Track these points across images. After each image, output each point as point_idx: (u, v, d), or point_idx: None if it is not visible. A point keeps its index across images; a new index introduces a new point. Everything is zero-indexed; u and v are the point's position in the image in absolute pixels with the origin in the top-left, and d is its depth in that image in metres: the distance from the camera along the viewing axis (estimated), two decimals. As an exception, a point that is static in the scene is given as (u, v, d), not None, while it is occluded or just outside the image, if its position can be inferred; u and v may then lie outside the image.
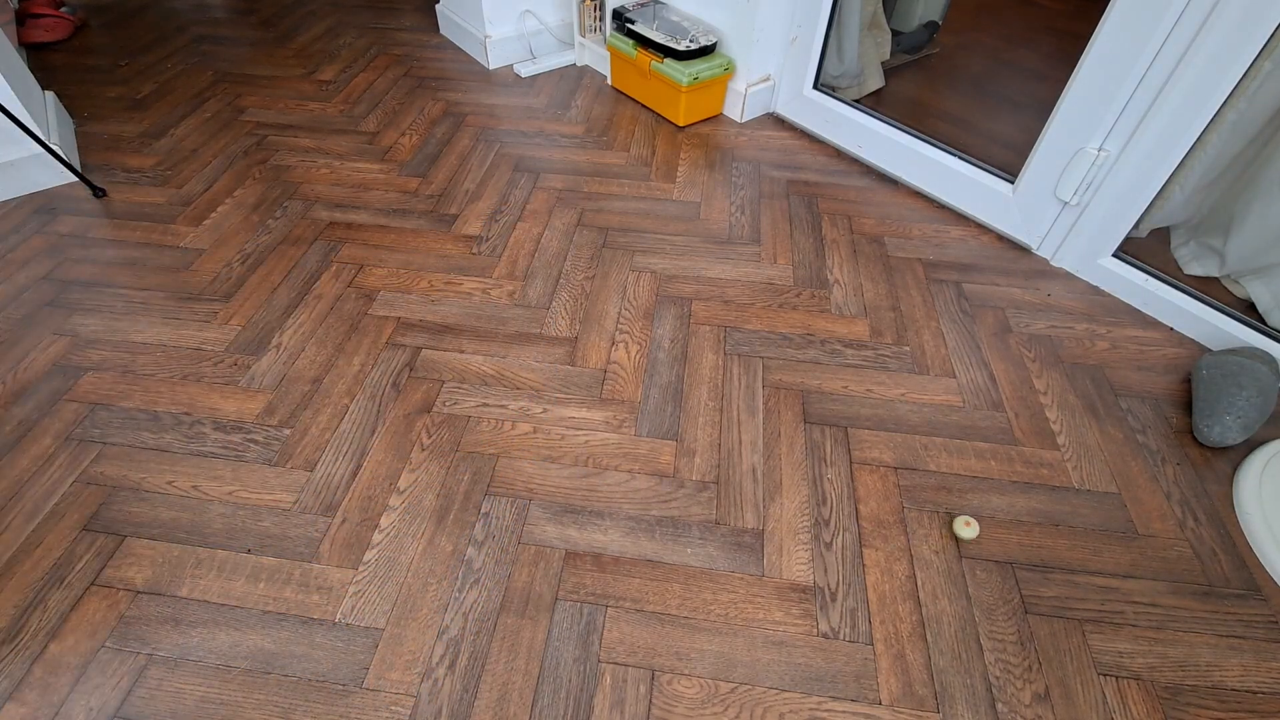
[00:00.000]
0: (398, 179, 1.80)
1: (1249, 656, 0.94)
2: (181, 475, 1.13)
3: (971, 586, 1.01)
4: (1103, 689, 0.91)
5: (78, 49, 2.38)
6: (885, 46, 2.10)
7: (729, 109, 2.06)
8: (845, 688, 0.91)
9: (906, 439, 1.20)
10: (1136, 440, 1.21)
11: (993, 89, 2.24)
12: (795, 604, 0.99)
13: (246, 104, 2.10)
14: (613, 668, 0.92)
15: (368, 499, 1.10)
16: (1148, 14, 1.22)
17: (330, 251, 1.57)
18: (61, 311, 1.42)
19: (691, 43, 1.88)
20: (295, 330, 1.38)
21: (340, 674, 0.91)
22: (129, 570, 1.01)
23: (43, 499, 1.10)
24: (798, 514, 1.09)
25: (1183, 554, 1.05)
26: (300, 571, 1.01)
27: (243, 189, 1.76)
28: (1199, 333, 1.38)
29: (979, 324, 1.41)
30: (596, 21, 2.21)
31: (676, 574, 1.02)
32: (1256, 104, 1.29)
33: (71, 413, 1.22)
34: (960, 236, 1.64)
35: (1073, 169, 1.42)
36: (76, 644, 0.93)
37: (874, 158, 1.84)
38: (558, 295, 1.47)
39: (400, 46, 2.44)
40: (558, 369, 1.32)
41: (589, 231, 1.64)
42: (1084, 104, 1.37)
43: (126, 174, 1.80)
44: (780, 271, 1.54)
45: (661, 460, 1.17)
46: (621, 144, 1.95)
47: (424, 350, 1.35)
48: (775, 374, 1.31)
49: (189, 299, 1.45)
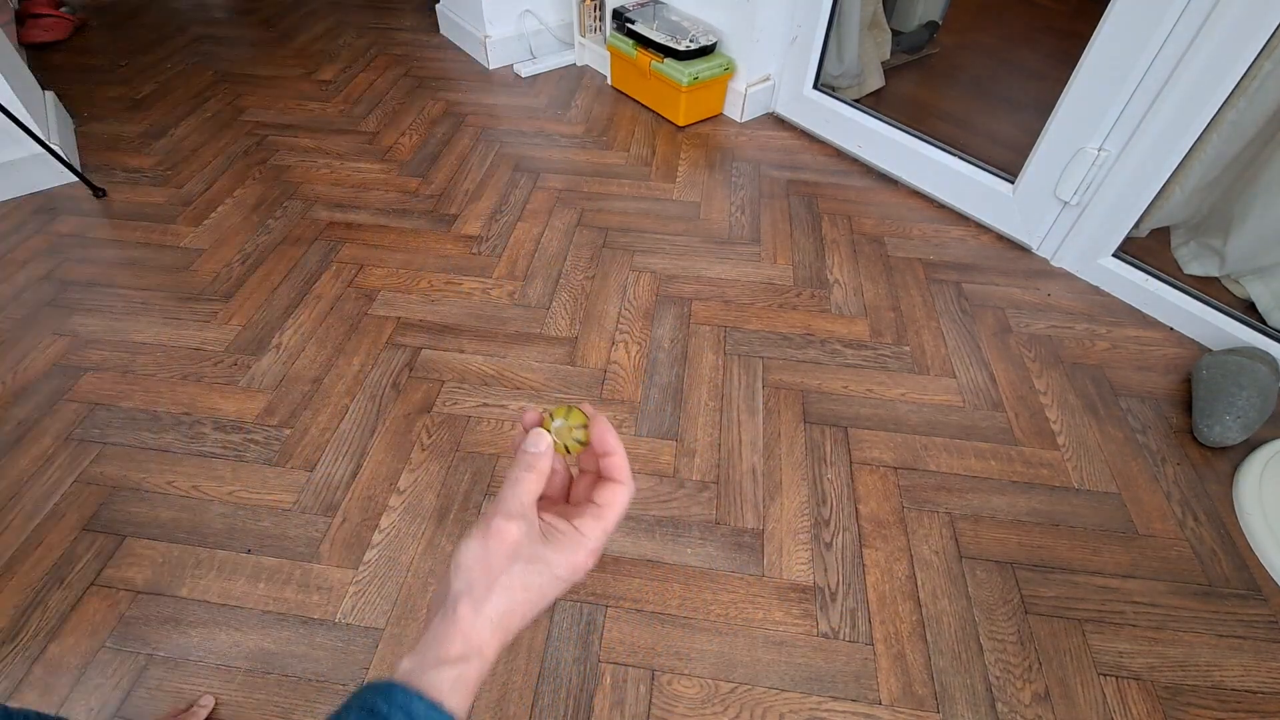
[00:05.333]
0: (398, 179, 1.80)
1: (1249, 656, 0.94)
2: (181, 475, 1.13)
3: (971, 586, 1.01)
4: (1103, 689, 0.91)
5: (78, 49, 2.38)
6: (885, 46, 2.10)
7: (729, 109, 2.06)
8: (845, 688, 0.91)
9: (906, 439, 1.20)
10: (1136, 440, 1.21)
11: (993, 89, 2.24)
12: (795, 604, 0.99)
13: (246, 104, 2.10)
14: (613, 667, 0.92)
15: (368, 499, 1.10)
16: (1148, 14, 1.22)
17: (330, 251, 1.57)
18: (61, 311, 1.42)
19: (691, 43, 1.88)
20: (295, 330, 1.38)
21: (340, 674, 0.91)
22: (129, 570, 1.01)
23: (43, 499, 1.10)
24: (798, 514, 1.09)
25: (1183, 554, 1.05)
26: (300, 571, 1.01)
27: (243, 189, 1.76)
28: (1199, 333, 1.38)
29: (979, 324, 1.42)
30: (596, 21, 2.21)
31: (676, 574, 1.02)
32: (1256, 104, 1.29)
33: (71, 413, 1.22)
34: (960, 236, 1.64)
35: (1073, 169, 1.42)
36: (76, 644, 0.93)
37: (874, 157, 1.84)
38: (558, 295, 1.47)
39: (400, 46, 2.44)
40: (558, 369, 1.32)
41: (589, 231, 1.64)
42: (1084, 104, 1.37)
43: (126, 174, 1.80)
44: (780, 271, 1.54)
45: (661, 460, 1.17)
46: (621, 144, 1.95)
47: (424, 350, 1.35)
48: (775, 374, 1.31)
49: (189, 299, 1.45)
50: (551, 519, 0.35)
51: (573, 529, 0.35)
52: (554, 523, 0.35)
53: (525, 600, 0.32)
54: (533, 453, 0.36)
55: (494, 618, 0.31)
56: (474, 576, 0.31)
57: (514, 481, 0.35)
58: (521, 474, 0.35)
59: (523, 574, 0.32)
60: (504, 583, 0.32)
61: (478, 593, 0.31)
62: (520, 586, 0.32)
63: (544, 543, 0.33)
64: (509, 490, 0.34)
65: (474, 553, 0.32)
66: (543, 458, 0.36)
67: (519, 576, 0.32)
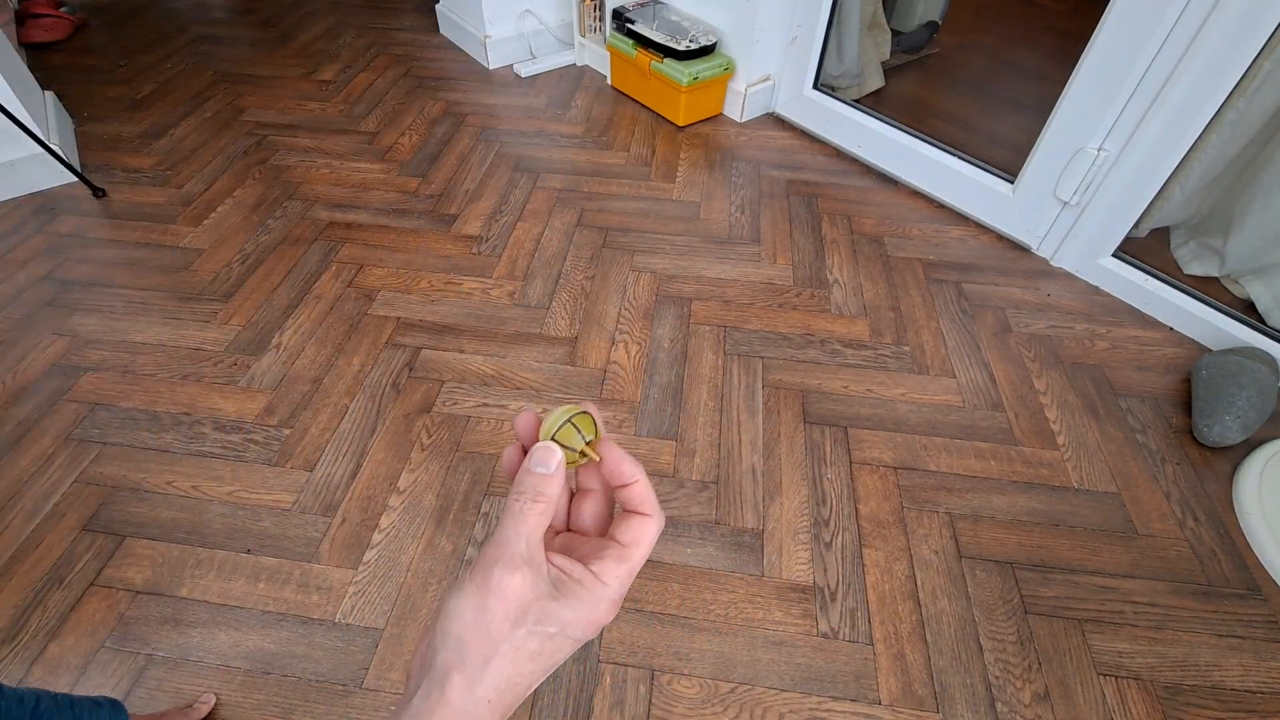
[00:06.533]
0: (398, 179, 1.80)
1: (1249, 656, 0.94)
2: (181, 475, 1.13)
3: (971, 586, 1.01)
4: (1102, 689, 0.91)
5: (78, 49, 2.38)
6: (885, 46, 2.10)
7: (729, 109, 2.06)
8: (845, 688, 0.91)
9: (906, 439, 1.20)
10: (1136, 440, 1.21)
11: (993, 89, 2.24)
12: (795, 604, 0.99)
13: (246, 104, 2.10)
14: (612, 668, 0.92)
15: (367, 499, 1.10)
16: (1147, 14, 1.22)
17: (330, 251, 1.57)
18: (61, 311, 1.42)
19: (691, 43, 1.88)
20: (295, 330, 1.38)
21: (340, 674, 0.91)
22: (129, 570, 1.01)
23: (43, 499, 1.10)
24: (797, 514, 1.09)
25: (1182, 554, 1.05)
26: (300, 571, 1.01)
27: (243, 189, 1.76)
28: (1199, 333, 1.38)
29: (979, 324, 1.41)
30: (596, 21, 2.20)
31: (676, 574, 1.02)
32: (1256, 104, 1.29)
33: (71, 413, 1.22)
34: (960, 236, 1.64)
35: (1072, 169, 1.42)
36: (76, 644, 0.93)
37: (874, 158, 1.84)
38: (557, 295, 1.47)
39: (400, 46, 2.44)
40: (558, 369, 1.32)
41: (589, 231, 1.64)
42: (1084, 104, 1.37)
43: (126, 174, 1.80)
44: (780, 271, 1.54)
45: (661, 460, 1.17)
46: (621, 144, 1.95)
47: (424, 350, 1.35)
48: (775, 374, 1.31)
49: (189, 299, 1.45)
50: (563, 563, 0.27)
51: (591, 575, 0.27)
52: (566, 568, 0.27)
53: (531, 671, 0.26)
54: (541, 474, 0.27)
55: (491, 696, 0.25)
56: (468, 645, 0.25)
57: (516, 515, 0.27)
58: (526, 505, 0.27)
59: (529, 639, 0.25)
60: (505, 651, 0.25)
61: (472, 665, 0.24)
62: (526, 655, 0.25)
63: (555, 596, 0.26)
64: (511, 528, 0.26)
65: (468, 617, 0.25)
66: (553, 480, 0.28)
67: (525, 642, 0.25)
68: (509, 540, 0.26)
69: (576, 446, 0.29)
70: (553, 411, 0.30)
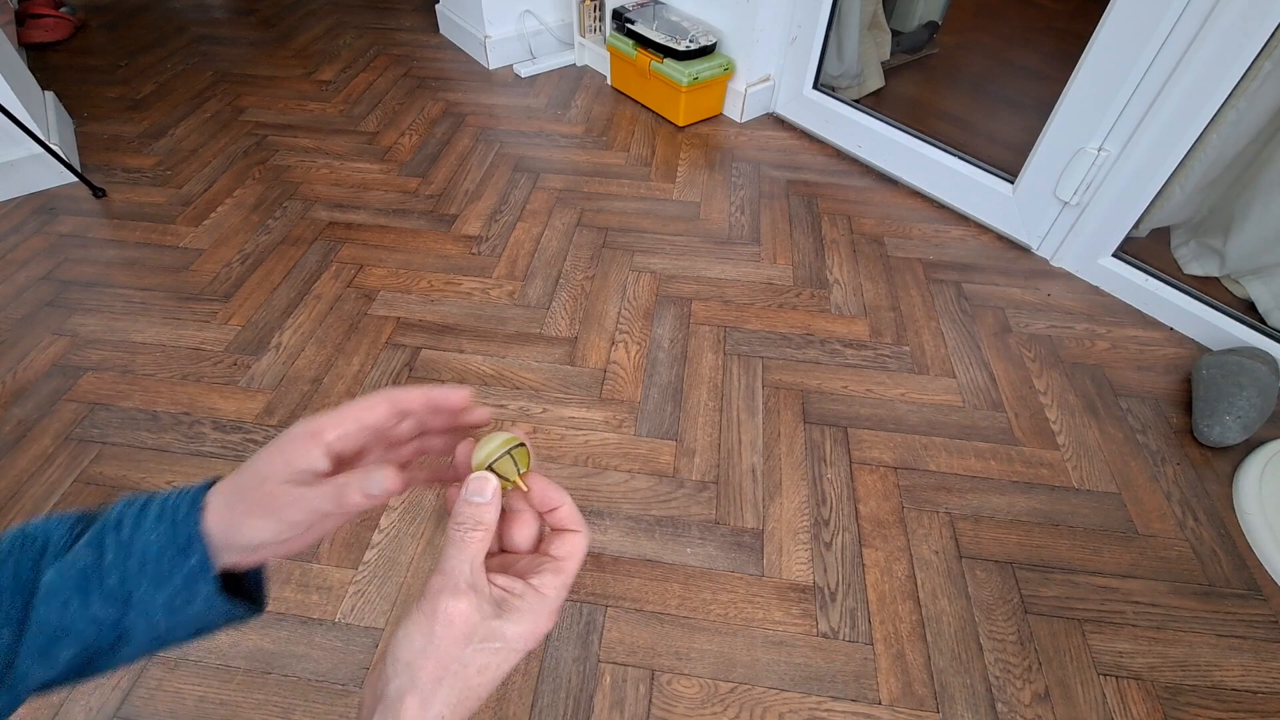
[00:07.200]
0: (398, 179, 1.80)
1: (1249, 656, 0.94)
2: (181, 475, 1.13)
3: (971, 586, 1.01)
4: (1103, 689, 0.91)
5: (78, 49, 2.38)
6: (885, 46, 2.10)
7: (729, 109, 2.06)
8: (845, 687, 0.91)
9: (906, 439, 1.20)
10: (1136, 440, 1.21)
11: (993, 89, 2.24)
12: (795, 604, 0.99)
13: (246, 104, 2.10)
14: (612, 667, 0.92)
15: (367, 499, 1.10)
16: (1147, 14, 1.22)
17: (330, 251, 1.57)
18: (61, 311, 1.42)
19: (691, 43, 1.88)
20: (295, 330, 1.38)
21: (340, 674, 0.91)
22: (128, 570, 1.01)
23: (42, 499, 1.10)
24: (797, 514, 1.09)
25: (1183, 554, 1.05)
26: (300, 571, 1.01)
27: (242, 189, 1.76)
28: (1199, 333, 1.38)
29: (979, 324, 1.41)
30: (596, 21, 2.21)
31: (676, 574, 1.02)
32: (1256, 104, 1.29)
33: (71, 413, 1.22)
34: (960, 236, 1.64)
35: (1073, 169, 1.42)
36: (76, 644, 0.93)
37: (874, 158, 1.84)
38: (557, 295, 1.47)
39: (400, 46, 2.44)
40: (557, 369, 1.32)
41: (589, 231, 1.64)
42: (1084, 104, 1.37)
43: (126, 174, 1.80)
44: (780, 271, 1.54)
45: (661, 460, 1.17)
46: (621, 144, 1.95)
47: (423, 350, 1.35)
48: (775, 374, 1.31)
49: (189, 299, 1.45)
50: (505, 582, 0.30)
51: (530, 589, 0.30)
52: (508, 586, 0.30)
53: (479, 684, 0.28)
54: (478, 503, 0.30)
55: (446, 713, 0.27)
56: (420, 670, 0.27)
57: (458, 544, 0.29)
58: (466, 534, 0.29)
59: (476, 655, 0.28)
60: (455, 670, 0.27)
61: (424, 687, 0.27)
62: (475, 670, 0.28)
63: (499, 615, 0.28)
64: (453, 556, 0.29)
65: (417, 644, 0.27)
66: (490, 508, 0.30)
67: (473, 659, 0.28)
68: (453, 569, 0.28)
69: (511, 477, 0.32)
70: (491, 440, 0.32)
